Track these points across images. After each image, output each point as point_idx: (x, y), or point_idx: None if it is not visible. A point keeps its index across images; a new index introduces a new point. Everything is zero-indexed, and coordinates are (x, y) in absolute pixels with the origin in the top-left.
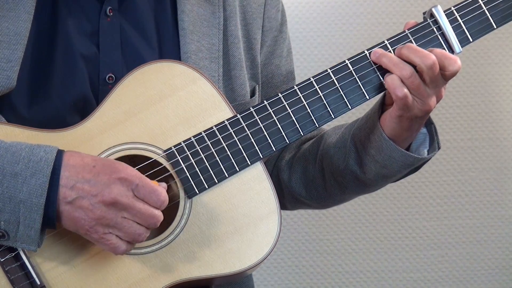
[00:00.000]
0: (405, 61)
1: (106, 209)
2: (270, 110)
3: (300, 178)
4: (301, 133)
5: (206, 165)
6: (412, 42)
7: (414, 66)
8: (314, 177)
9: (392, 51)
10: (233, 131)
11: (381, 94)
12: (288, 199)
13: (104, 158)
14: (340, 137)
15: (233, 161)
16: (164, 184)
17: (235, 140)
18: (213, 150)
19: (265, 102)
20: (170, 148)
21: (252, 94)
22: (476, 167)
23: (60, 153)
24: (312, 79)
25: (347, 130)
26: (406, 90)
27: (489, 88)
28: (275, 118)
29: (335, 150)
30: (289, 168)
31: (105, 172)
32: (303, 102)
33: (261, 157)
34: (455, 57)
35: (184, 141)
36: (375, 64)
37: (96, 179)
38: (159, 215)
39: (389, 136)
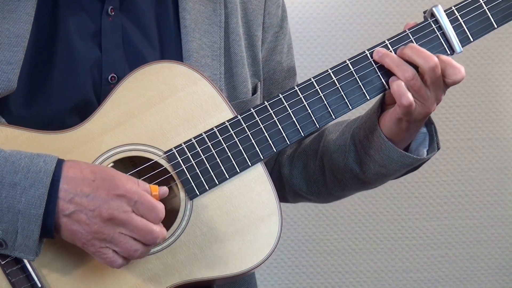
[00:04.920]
0: (407, 61)
1: (103, 225)
2: (271, 111)
3: (301, 173)
4: (302, 133)
5: (207, 167)
6: (412, 42)
7: (416, 67)
8: (315, 173)
9: (393, 51)
10: (233, 132)
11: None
12: (289, 193)
13: (104, 170)
14: (340, 135)
15: (233, 162)
16: (165, 188)
17: (236, 141)
18: (213, 151)
19: (266, 103)
20: (171, 150)
21: (254, 91)
22: (476, 167)
23: (59, 164)
24: (312, 80)
25: (347, 128)
26: (411, 98)
27: (489, 88)
28: (275, 119)
29: (335, 147)
30: (290, 163)
31: (104, 188)
32: (303, 102)
33: (262, 158)
34: (460, 66)
35: (184, 142)
36: (376, 64)
37: (94, 194)
38: (157, 231)
39: (387, 137)
